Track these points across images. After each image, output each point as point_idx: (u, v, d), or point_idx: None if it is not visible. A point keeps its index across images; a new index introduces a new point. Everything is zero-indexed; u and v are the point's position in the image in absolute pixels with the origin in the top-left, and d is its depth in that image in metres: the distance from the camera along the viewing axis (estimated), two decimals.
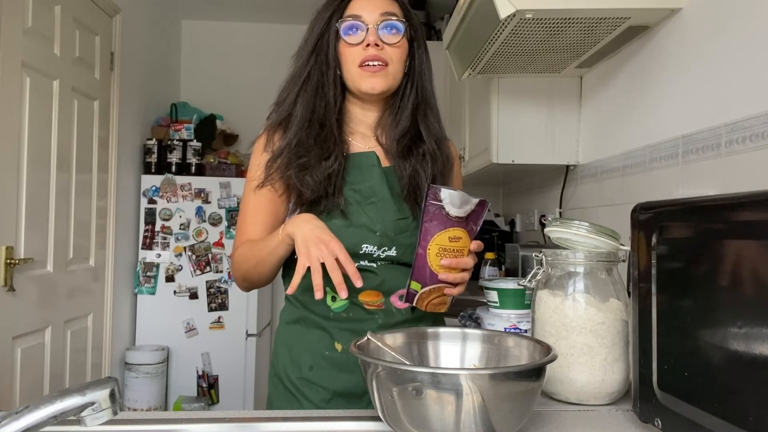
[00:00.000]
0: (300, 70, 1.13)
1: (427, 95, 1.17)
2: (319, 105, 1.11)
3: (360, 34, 1.09)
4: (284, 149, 1.10)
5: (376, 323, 1.09)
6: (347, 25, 1.09)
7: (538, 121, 2.11)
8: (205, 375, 3.26)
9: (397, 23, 1.10)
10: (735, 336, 0.65)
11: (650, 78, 1.57)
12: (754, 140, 1.15)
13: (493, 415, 0.68)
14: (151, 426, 0.84)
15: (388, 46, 1.09)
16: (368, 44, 1.08)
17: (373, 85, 1.09)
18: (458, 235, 0.97)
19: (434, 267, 0.97)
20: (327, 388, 1.09)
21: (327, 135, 1.10)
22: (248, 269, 1.11)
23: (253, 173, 1.14)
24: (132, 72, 3.11)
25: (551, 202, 2.38)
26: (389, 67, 1.10)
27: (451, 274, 0.98)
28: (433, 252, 0.97)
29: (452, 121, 2.86)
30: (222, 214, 3.30)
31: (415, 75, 1.16)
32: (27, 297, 2.19)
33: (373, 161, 1.13)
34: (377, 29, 1.08)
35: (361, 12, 1.09)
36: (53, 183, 2.37)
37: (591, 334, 0.93)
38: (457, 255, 0.98)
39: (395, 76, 1.12)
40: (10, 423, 0.50)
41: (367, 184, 1.11)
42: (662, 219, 0.79)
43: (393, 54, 1.10)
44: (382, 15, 1.09)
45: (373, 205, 1.10)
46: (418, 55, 1.16)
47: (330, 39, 1.11)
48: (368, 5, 1.09)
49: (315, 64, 1.11)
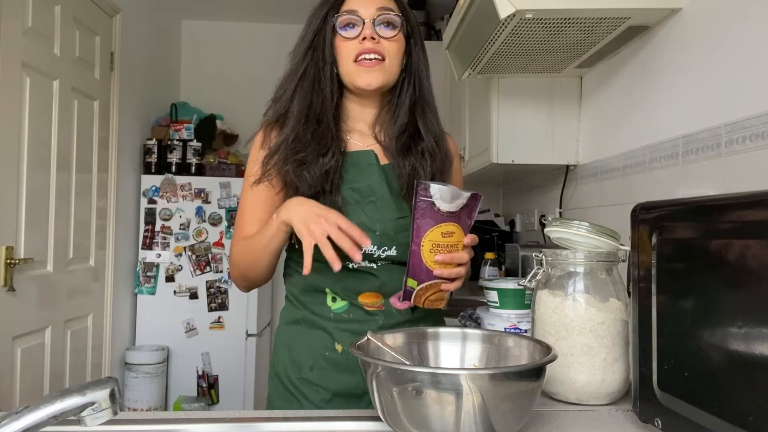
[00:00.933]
0: (296, 66, 1.13)
1: (425, 92, 1.17)
2: (316, 101, 1.11)
3: (356, 28, 1.09)
4: (281, 145, 1.10)
5: (377, 324, 1.09)
6: (343, 20, 1.09)
7: (538, 121, 2.11)
8: (205, 375, 3.26)
9: (394, 17, 1.10)
10: (735, 336, 0.65)
11: (650, 78, 1.57)
12: (754, 140, 1.15)
13: (493, 415, 0.68)
14: (151, 426, 0.84)
15: (384, 39, 1.09)
16: (364, 37, 1.08)
17: (369, 80, 1.09)
18: (451, 230, 0.96)
19: (429, 263, 0.97)
20: (327, 388, 1.09)
21: (324, 131, 1.10)
22: (246, 266, 1.11)
23: (250, 170, 1.13)
24: (132, 72, 3.11)
25: (551, 202, 2.38)
26: (386, 62, 1.09)
27: (447, 270, 0.97)
28: (426, 248, 0.96)
29: (452, 121, 2.86)
30: (222, 214, 3.30)
31: (413, 72, 1.15)
32: (27, 297, 2.19)
33: (371, 159, 1.13)
34: (374, 24, 1.08)
35: (358, 7, 1.09)
36: (53, 183, 2.37)
37: (591, 334, 0.93)
38: (451, 250, 0.97)
39: (392, 71, 1.11)
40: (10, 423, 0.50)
41: (365, 182, 1.11)
42: (662, 219, 0.79)
43: (390, 48, 1.09)
44: (379, 10, 1.09)
45: (372, 204, 1.09)
46: (416, 52, 1.16)
47: (326, 35, 1.10)
48: (365, 1, 1.09)
49: (311, 60, 1.11)
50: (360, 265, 1.07)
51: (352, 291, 1.10)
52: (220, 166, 3.36)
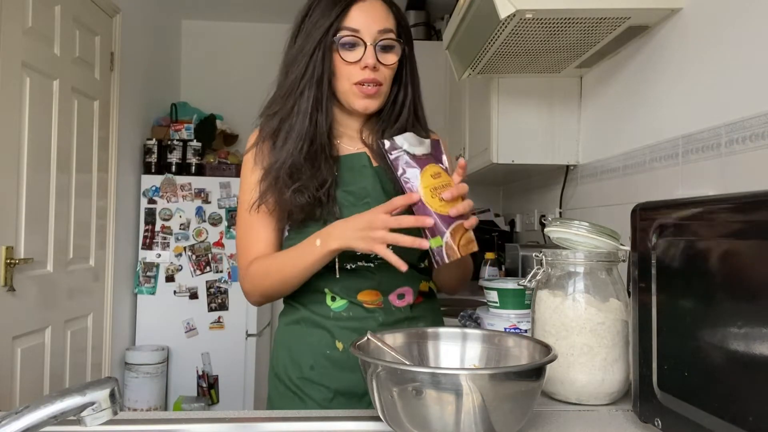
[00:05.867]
0: (294, 82, 1.09)
1: (416, 104, 1.17)
2: (311, 123, 1.09)
3: (358, 50, 1.07)
4: (278, 169, 1.08)
5: (377, 321, 1.09)
6: (346, 41, 1.06)
7: (538, 121, 2.11)
8: (205, 375, 3.26)
9: (395, 44, 1.09)
10: (735, 336, 0.65)
11: (650, 78, 1.57)
12: (754, 140, 1.15)
13: (493, 415, 0.69)
14: (151, 426, 0.84)
15: (384, 66, 1.08)
16: (366, 66, 1.06)
17: (366, 105, 1.09)
18: (436, 171, 0.94)
19: (439, 209, 0.92)
20: (329, 387, 1.09)
21: (318, 151, 1.09)
22: (271, 286, 1.10)
23: (246, 194, 1.12)
24: (132, 72, 3.11)
25: (551, 202, 2.38)
26: (383, 87, 1.10)
27: (460, 205, 0.93)
28: (427, 195, 0.92)
29: (452, 121, 2.86)
30: (222, 214, 3.30)
31: (407, 87, 1.15)
32: (27, 297, 2.19)
33: (364, 162, 1.13)
34: (375, 49, 1.06)
35: (360, 26, 1.06)
36: (53, 183, 2.37)
37: (591, 334, 0.93)
38: (449, 188, 0.94)
39: (387, 93, 1.12)
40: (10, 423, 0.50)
41: (360, 185, 1.11)
42: (662, 219, 0.79)
43: (387, 73, 1.10)
44: (380, 33, 1.07)
45: (367, 206, 1.08)
46: (408, 68, 1.15)
47: (326, 51, 1.07)
48: (367, 19, 1.07)
49: (311, 79, 1.08)
50: (358, 265, 1.08)
51: (350, 290, 1.10)
52: (220, 166, 3.36)
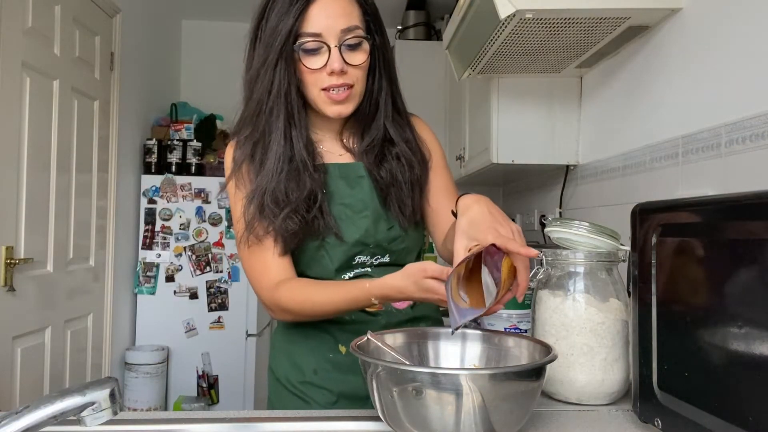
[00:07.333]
0: (261, 102, 1.04)
1: (394, 96, 1.11)
2: (287, 141, 1.03)
3: (323, 55, 0.99)
4: (261, 196, 1.03)
5: (379, 324, 1.08)
6: (308, 47, 0.99)
7: (538, 121, 2.10)
8: (205, 375, 3.26)
9: (362, 40, 1.01)
10: (735, 336, 0.65)
11: (650, 78, 1.57)
12: (754, 140, 1.15)
13: (493, 415, 0.69)
14: (151, 426, 0.84)
15: (352, 67, 1.00)
16: (333, 71, 0.99)
17: (339, 111, 1.03)
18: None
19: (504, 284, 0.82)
20: (332, 390, 1.09)
21: (300, 168, 1.03)
22: (306, 313, 1.04)
23: (239, 224, 1.07)
24: (132, 72, 3.11)
25: (551, 202, 2.37)
26: (355, 87, 1.02)
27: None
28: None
29: (452, 121, 2.86)
30: (222, 214, 3.29)
31: (382, 80, 1.08)
32: (27, 297, 2.19)
33: (360, 172, 1.09)
34: (340, 50, 0.98)
35: (321, 29, 0.98)
36: (53, 183, 2.37)
37: (591, 334, 0.93)
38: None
39: (361, 93, 1.05)
40: (10, 423, 0.50)
41: (357, 197, 1.08)
42: (662, 219, 0.79)
43: (357, 74, 1.02)
44: (345, 32, 0.99)
45: (366, 219, 1.07)
46: (383, 59, 1.07)
47: (289, 60, 1.00)
48: (328, 19, 0.98)
49: (278, 95, 1.02)
50: (356, 273, 1.08)
51: None
52: (220, 166, 3.35)
